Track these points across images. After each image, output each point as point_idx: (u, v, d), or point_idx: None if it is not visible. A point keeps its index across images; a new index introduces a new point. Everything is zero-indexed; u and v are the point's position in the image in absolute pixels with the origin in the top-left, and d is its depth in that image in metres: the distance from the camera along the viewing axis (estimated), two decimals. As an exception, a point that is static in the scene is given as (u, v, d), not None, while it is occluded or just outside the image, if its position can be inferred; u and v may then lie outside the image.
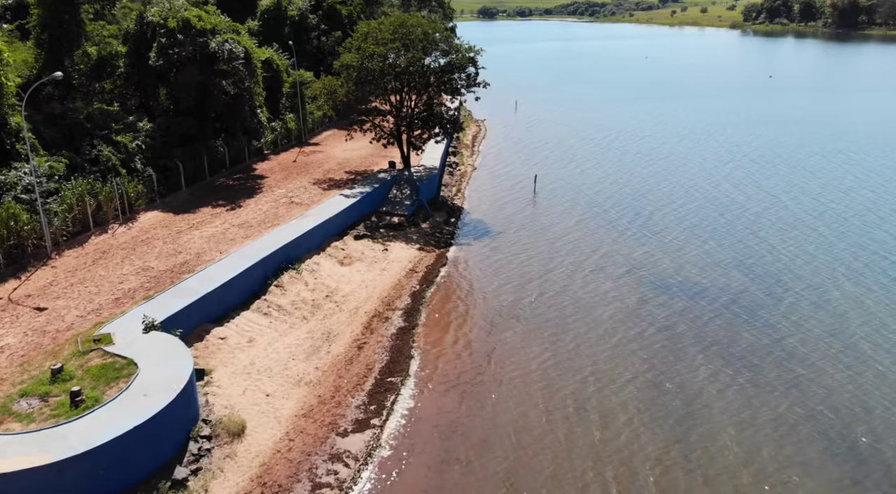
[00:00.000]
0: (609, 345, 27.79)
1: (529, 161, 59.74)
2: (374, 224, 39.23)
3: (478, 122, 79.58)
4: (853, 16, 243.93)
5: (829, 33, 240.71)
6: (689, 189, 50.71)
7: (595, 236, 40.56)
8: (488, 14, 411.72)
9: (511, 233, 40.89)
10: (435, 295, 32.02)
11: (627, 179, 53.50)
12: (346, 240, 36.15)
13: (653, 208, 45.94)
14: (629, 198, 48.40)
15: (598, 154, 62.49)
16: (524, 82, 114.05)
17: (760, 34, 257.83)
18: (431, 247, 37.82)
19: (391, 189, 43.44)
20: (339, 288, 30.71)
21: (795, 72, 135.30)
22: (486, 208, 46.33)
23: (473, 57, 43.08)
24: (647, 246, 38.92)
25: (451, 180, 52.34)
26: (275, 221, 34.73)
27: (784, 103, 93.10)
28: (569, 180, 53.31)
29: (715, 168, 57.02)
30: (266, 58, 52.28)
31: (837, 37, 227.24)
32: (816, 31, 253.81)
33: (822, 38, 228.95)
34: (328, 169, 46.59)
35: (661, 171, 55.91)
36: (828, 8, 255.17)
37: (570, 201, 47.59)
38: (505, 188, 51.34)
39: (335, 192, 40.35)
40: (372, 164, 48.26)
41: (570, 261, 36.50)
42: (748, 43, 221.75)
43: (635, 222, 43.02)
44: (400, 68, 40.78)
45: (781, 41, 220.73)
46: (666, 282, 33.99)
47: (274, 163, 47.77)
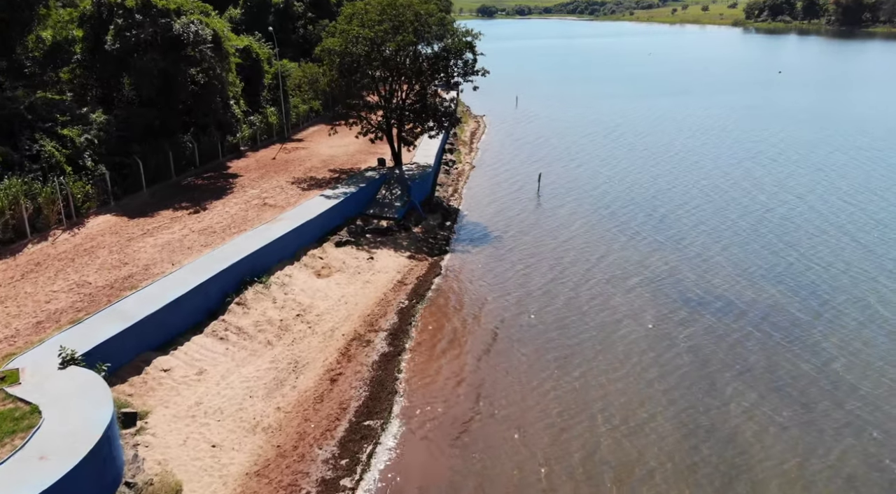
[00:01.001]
0: (622, 374, 23.39)
1: (531, 159, 55.35)
2: (360, 228, 34.80)
3: (476, 118, 75.19)
4: (857, 13, 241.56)
5: (833, 31, 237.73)
6: (704, 188, 46.31)
7: (604, 241, 36.13)
8: (487, 12, 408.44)
9: (512, 238, 36.49)
10: (426, 313, 27.58)
11: (637, 178, 49.11)
12: (326, 247, 31.72)
13: (666, 210, 41.52)
14: (640, 198, 44.00)
15: (604, 151, 58.09)
16: (525, 77, 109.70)
17: (763, 32, 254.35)
18: (423, 254, 33.40)
19: (379, 189, 39.02)
20: (313, 306, 26.28)
21: (804, 67, 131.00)
22: (484, 210, 41.92)
23: (471, 41, 38.64)
24: (662, 253, 34.52)
25: (447, 179, 47.92)
26: (242, 226, 30.29)
27: (796, 98, 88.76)
28: (574, 179, 48.90)
29: (731, 165, 52.61)
30: (244, 45, 47.92)
31: (841, 34, 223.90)
32: (819, 28, 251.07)
33: (825, 35, 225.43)
34: (310, 167, 42.14)
35: (672, 169, 51.52)
36: (831, 5, 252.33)
37: (576, 202, 43.18)
38: (505, 188, 46.94)
39: (315, 193, 35.91)
40: (359, 162, 43.83)
41: (578, 271, 32.08)
42: (752, 40, 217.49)
43: (648, 225, 38.61)
44: (389, 53, 36.30)
45: (785, 38, 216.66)
46: (686, 296, 29.59)
47: (251, 161, 43.32)
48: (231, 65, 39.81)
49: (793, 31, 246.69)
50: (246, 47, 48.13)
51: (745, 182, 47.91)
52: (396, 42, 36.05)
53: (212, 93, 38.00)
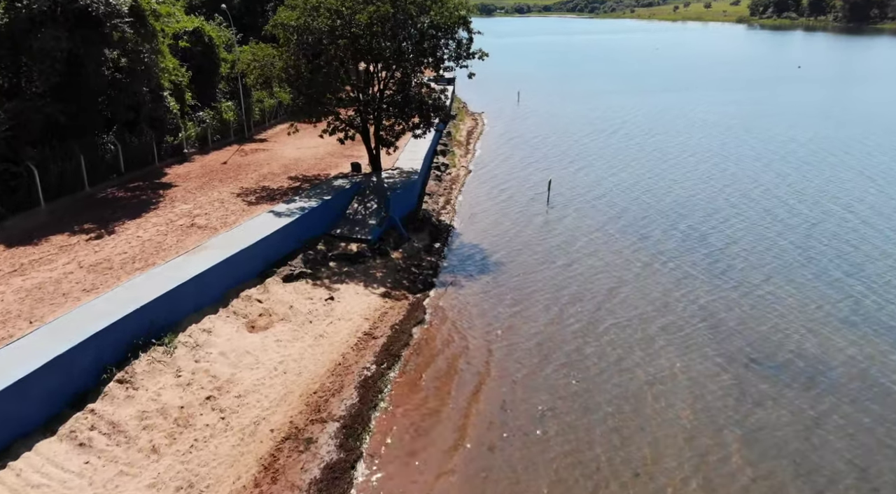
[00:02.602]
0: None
1: (534, 161, 47.25)
2: (320, 255, 26.69)
3: (474, 115, 67.09)
4: (864, 9, 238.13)
5: (840, 27, 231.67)
6: (731, 197, 38.17)
7: (637, 272, 28.02)
8: (486, 10, 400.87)
9: (517, 265, 28.41)
10: (400, 387, 19.44)
11: (652, 184, 40.98)
12: (270, 284, 23.61)
13: (689, 225, 33.39)
14: (657, 209, 35.89)
15: (613, 152, 49.90)
16: (527, 73, 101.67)
17: (768, 28, 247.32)
18: (402, 290, 25.29)
19: (350, 202, 30.93)
20: (234, 380, 18.17)
21: (822, 63, 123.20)
22: (482, 226, 33.83)
23: (465, 15, 30.57)
24: (690, 286, 26.43)
25: (439, 187, 39.82)
26: (152, 258, 22.19)
27: (820, 94, 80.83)
28: (582, 185, 40.76)
29: (759, 169, 44.45)
30: (194, 27, 39.87)
31: (849, 31, 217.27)
32: (826, 25, 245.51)
33: (832, 32, 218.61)
34: (267, 173, 34.02)
35: (691, 174, 43.43)
36: (839, 1, 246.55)
37: (593, 216, 35.08)
38: (506, 197, 38.84)
39: (265, 208, 27.82)
40: (329, 167, 35.74)
41: (610, 319, 23.97)
42: (759, 36, 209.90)
43: (669, 246, 30.49)
44: (359, 29, 28.13)
45: (793, 35, 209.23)
46: (729, 353, 21.44)
47: (195, 166, 35.18)
48: (162, 46, 31.70)
49: (799, 28, 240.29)
50: (196, 30, 40.09)
51: (779, 189, 39.79)
52: (369, 13, 27.93)
53: (136, 82, 29.87)
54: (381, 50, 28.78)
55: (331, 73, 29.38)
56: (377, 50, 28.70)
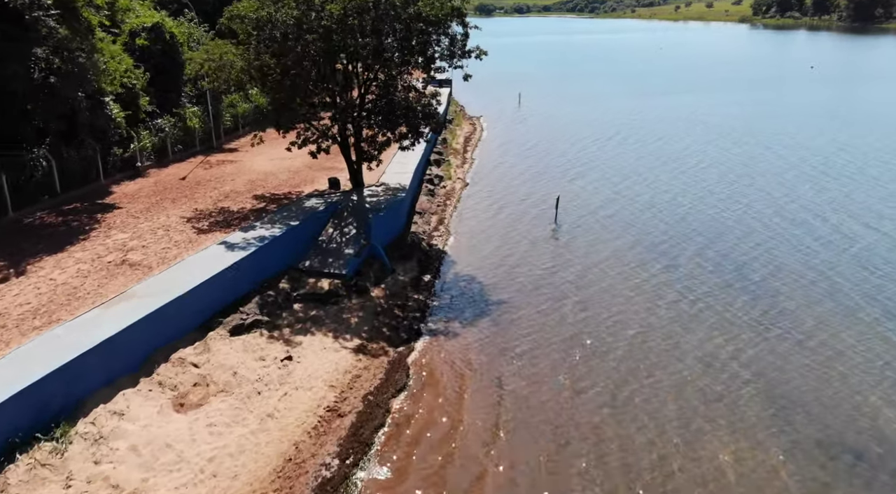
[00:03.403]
0: None
1: (539, 172, 42.55)
2: (282, 296, 22.00)
3: (472, 120, 62.36)
4: (869, 9, 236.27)
5: (845, 27, 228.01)
6: (767, 216, 33.39)
7: (663, 315, 23.30)
8: (485, 10, 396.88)
9: (522, 306, 23.68)
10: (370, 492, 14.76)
11: (675, 200, 36.24)
12: (213, 339, 18.91)
13: (719, 251, 28.64)
14: (689, 232, 31.17)
15: (627, 162, 45.15)
16: (527, 73, 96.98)
17: (772, 28, 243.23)
18: (381, 341, 20.58)
19: (325, 227, 26.22)
20: (146, 487, 13.47)
21: (834, 62, 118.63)
22: (480, 252, 29.13)
23: (459, 6, 25.86)
24: (757, 334, 21.68)
25: (431, 204, 35.11)
26: (60, 311, 17.46)
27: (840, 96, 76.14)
28: (596, 202, 36.03)
29: (795, 182, 39.73)
30: (154, 23, 35.22)
31: (853, 30, 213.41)
32: (830, 24, 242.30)
33: (837, 31, 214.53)
34: (229, 191, 29.30)
35: (715, 188, 38.71)
36: (843, 1, 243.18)
37: (606, 240, 30.38)
38: (508, 215, 34.14)
39: (217, 237, 23.11)
40: (303, 183, 31.03)
41: (635, 385, 19.26)
42: (764, 36, 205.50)
43: (717, 280, 25.73)
44: (330, 22, 23.35)
45: (798, 35, 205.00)
46: (836, 441, 16.83)
47: (148, 183, 30.46)
48: (103, 44, 26.98)
49: (802, 28, 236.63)
50: (156, 26, 35.39)
51: (818, 206, 35.01)
52: (343, 3, 23.20)
53: (69, 87, 25.13)
54: (359, 47, 24.02)
55: (300, 75, 24.65)
56: (354, 47, 23.92)
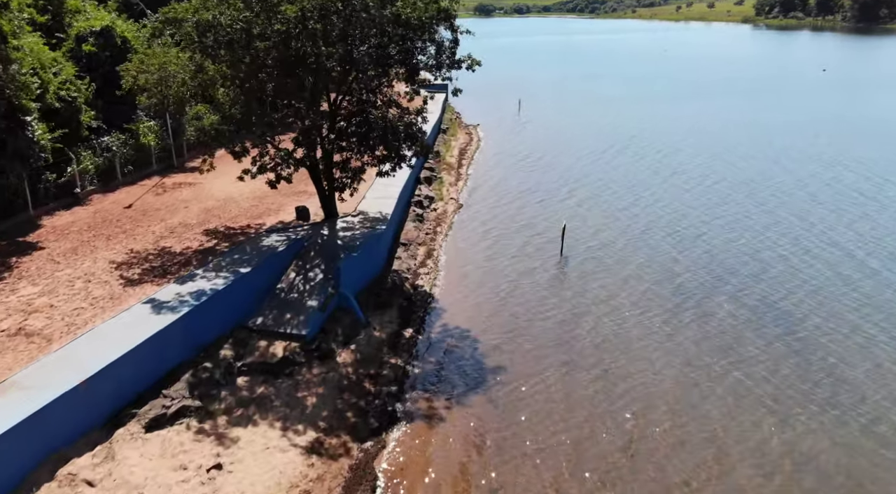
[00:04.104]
0: None
1: (540, 192, 38.13)
2: (223, 368, 17.61)
3: (468, 129, 57.92)
4: (874, 9, 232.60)
5: (849, 27, 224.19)
6: (822, 258, 28.90)
7: (696, 389, 18.94)
8: (484, 11, 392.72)
9: (525, 374, 19.29)
10: None
11: (691, 226, 31.79)
12: (121, 440, 14.51)
13: (761, 298, 24.19)
14: (717, 268, 26.77)
15: (637, 178, 40.63)
16: (527, 77, 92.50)
17: (775, 29, 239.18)
18: (344, 433, 16.15)
19: (286, 272, 21.84)
20: None
21: (848, 64, 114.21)
22: (474, 295, 24.75)
23: (446, 8, 21.48)
24: (811, 416, 17.34)
25: (419, 232, 30.74)
26: None
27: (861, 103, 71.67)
28: (606, 231, 31.62)
29: (838, 208, 35.27)
30: (103, 27, 30.98)
31: (858, 31, 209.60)
32: (834, 25, 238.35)
33: (841, 32, 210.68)
34: (177, 224, 24.91)
35: (730, 211, 34.32)
36: (847, 1, 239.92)
37: (621, 278, 26.00)
38: (507, 246, 29.78)
39: (147, 291, 18.72)
40: (268, 212, 26.66)
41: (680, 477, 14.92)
42: (768, 37, 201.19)
43: (757, 337, 21.33)
44: (288, 24, 18.92)
45: (802, 35, 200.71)
46: None
47: (87, 213, 26.07)
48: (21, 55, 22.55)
49: (806, 28, 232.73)
50: (105, 29, 31.08)
51: (847, 235, 30.61)
52: (301, 4, 18.81)
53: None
54: (324, 57, 19.60)
55: (252, 90, 20.30)
56: (316, 56, 19.50)
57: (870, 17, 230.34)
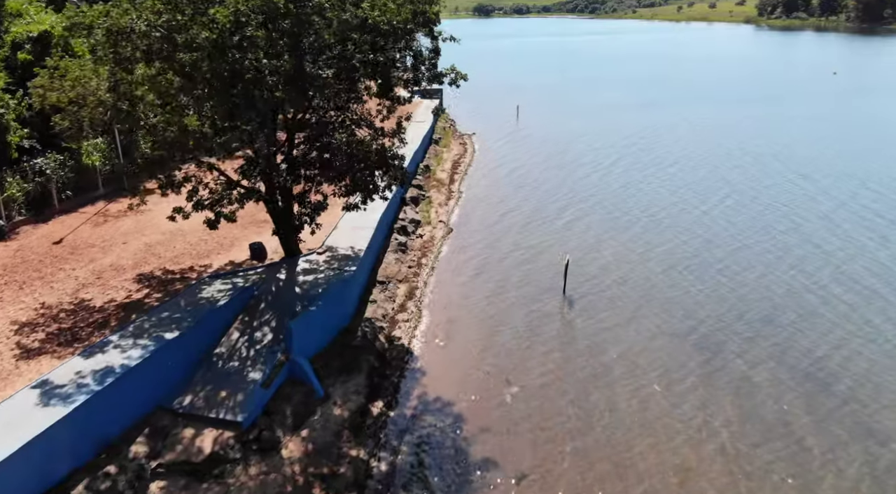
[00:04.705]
0: None
1: (540, 213, 34.19)
2: (131, 472, 13.73)
3: (463, 138, 53.95)
4: (878, 10, 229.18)
5: (853, 28, 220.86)
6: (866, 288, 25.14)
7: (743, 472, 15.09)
8: (484, 11, 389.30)
9: (521, 459, 15.43)
10: None
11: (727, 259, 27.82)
12: None
13: (810, 351, 20.42)
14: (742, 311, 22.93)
15: (645, 198, 36.53)
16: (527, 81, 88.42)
17: (778, 29, 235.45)
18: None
19: (227, 332, 17.93)
20: None
21: (857, 67, 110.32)
22: (463, 351, 20.84)
23: (424, 11, 17.54)
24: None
25: (401, 265, 26.82)
26: None
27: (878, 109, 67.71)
28: (616, 262, 27.68)
29: (847, 225, 31.42)
30: (41, 32, 27.08)
31: (862, 31, 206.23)
32: (838, 25, 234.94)
33: (845, 32, 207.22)
34: (107, 267, 20.98)
35: (759, 235, 30.49)
36: (851, 1, 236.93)
37: (636, 325, 22.12)
38: (502, 282, 25.86)
39: (44, 366, 14.81)
40: (219, 248, 22.72)
41: None
42: (772, 37, 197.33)
43: (809, 409, 17.56)
44: (219, 32, 15.01)
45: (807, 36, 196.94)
46: None
47: (5, 252, 22.10)
48: None
49: (809, 29, 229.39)
50: (43, 35, 27.18)
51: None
52: (235, 4, 14.92)
53: None
54: (266, 71, 15.68)
55: (179, 110, 16.43)
56: (254, 70, 15.57)
57: (874, 17, 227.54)
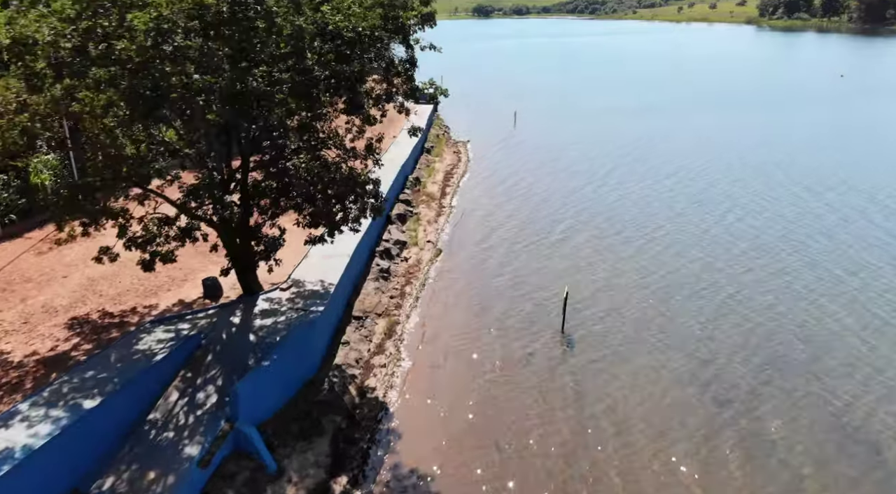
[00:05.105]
0: None
1: (537, 233, 31.43)
2: None
3: (457, 146, 51.25)
4: (881, 10, 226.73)
5: (856, 29, 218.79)
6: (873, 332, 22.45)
7: None
8: (483, 12, 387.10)
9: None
10: None
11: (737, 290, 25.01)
12: None
13: (845, 413, 17.77)
14: (777, 359, 20.21)
15: (656, 216, 33.70)
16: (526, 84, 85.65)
17: (779, 30, 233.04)
18: None
19: (167, 391, 15.24)
20: None
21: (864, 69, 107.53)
22: (443, 404, 18.15)
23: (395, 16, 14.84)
24: None
25: (381, 295, 24.09)
26: None
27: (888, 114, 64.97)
28: (623, 290, 24.98)
29: (866, 252, 28.69)
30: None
31: (865, 32, 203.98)
32: (840, 26, 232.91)
33: (848, 33, 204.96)
34: (38, 308, 18.23)
35: (792, 263, 27.66)
36: (853, 2, 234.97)
37: (648, 373, 19.44)
38: (494, 315, 23.14)
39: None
40: (170, 283, 19.97)
41: None
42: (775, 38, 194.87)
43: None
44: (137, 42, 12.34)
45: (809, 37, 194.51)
46: None
47: (-75, 287, 19.55)
48: None
49: (811, 29, 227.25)
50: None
51: None
52: (158, 9, 12.25)
53: None
54: (196, 88, 13.00)
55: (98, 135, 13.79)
56: (185, 88, 12.89)
57: (876, 18, 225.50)
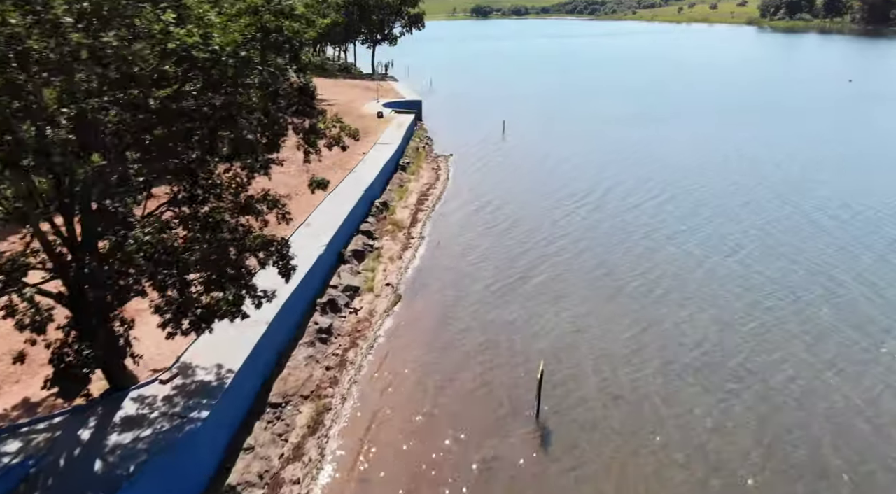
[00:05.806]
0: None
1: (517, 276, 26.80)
2: None
3: (437, 161, 46.55)
4: (884, 11, 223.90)
5: (858, 30, 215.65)
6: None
7: None
8: (481, 12, 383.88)
9: None
10: None
11: (752, 360, 20.48)
12: None
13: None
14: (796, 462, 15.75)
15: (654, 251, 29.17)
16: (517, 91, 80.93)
17: (781, 31, 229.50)
18: None
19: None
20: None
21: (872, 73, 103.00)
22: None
23: (281, 27, 10.33)
24: None
25: (313, 367, 19.43)
26: None
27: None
28: (610, 356, 20.47)
29: None
30: None
31: (868, 33, 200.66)
32: (843, 27, 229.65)
33: (851, 34, 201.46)
34: None
35: (819, 314, 23.17)
36: (856, 2, 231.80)
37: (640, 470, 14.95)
38: (455, 391, 18.59)
39: None
40: (18, 374, 15.46)
41: None
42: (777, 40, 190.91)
43: None
44: None
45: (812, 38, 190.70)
46: None
47: None
48: None
49: (813, 30, 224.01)
50: None
51: None
52: None
53: None
54: None
55: None
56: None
57: (879, 18, 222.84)
